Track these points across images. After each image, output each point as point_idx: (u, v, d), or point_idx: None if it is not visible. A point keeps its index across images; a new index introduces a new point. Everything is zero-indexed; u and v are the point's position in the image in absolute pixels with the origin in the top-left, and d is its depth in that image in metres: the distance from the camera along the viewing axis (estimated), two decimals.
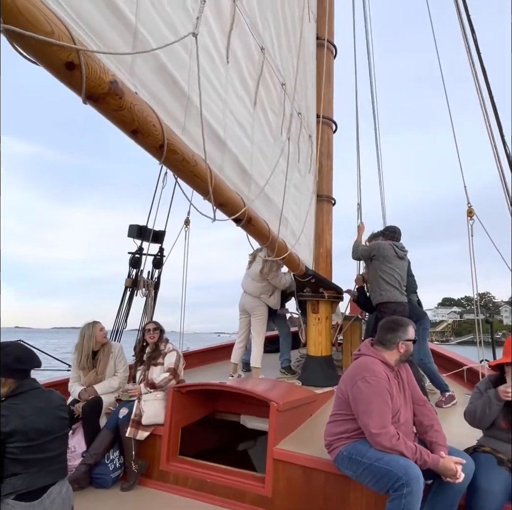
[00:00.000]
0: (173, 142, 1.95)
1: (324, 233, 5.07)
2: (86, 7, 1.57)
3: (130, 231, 5.10)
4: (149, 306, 5.09)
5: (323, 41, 5.44)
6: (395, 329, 2.66)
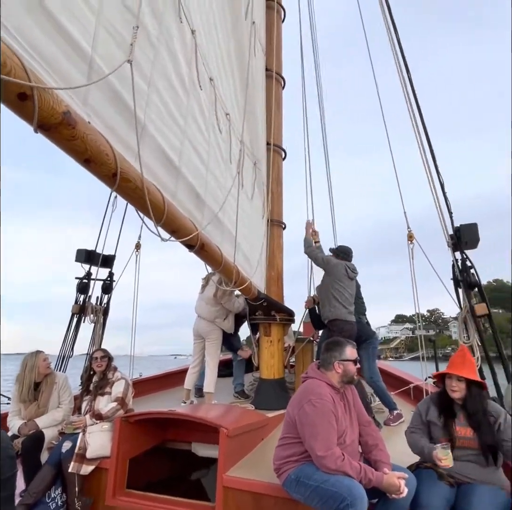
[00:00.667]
0: (126, 170, 1.96)
1: (275, 257, 5.20)
2: (41, 39, 1.57)
3: (77, 256, 4.97)
4: (97, 333, 4.95)
5: (272, 72, 5.70)
6: (330, 349, 2.73)
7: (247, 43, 4.65)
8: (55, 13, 1.62)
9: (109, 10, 1.97)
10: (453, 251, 4.02)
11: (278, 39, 6.02)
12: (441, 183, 4.04)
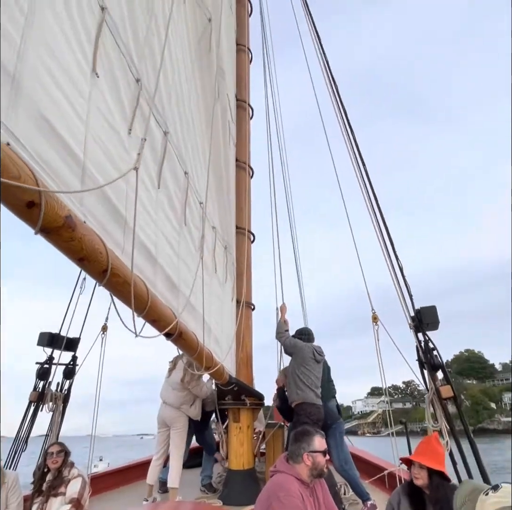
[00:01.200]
0: (116, 266, 2.03)
1: (245, 338, 5.20)
2: (45, 149, 1.70)
3: (40, 339, 4.79)
4: (56, 423, 4.64)
5: (242, 163, 6.19)
6: (299, 440, 2.65)
7: (222, 140, 5.08)
8: (52, 122, 1.77)
9: (96, 124, 2.17)
10: (416, 333, 4.15)
11: (247, 133, 6.58)
12: (400, 267, 4.29)
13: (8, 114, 1.48)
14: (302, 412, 4.24)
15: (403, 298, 4.27)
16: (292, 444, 2.70)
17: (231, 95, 6.05)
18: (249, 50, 7.30)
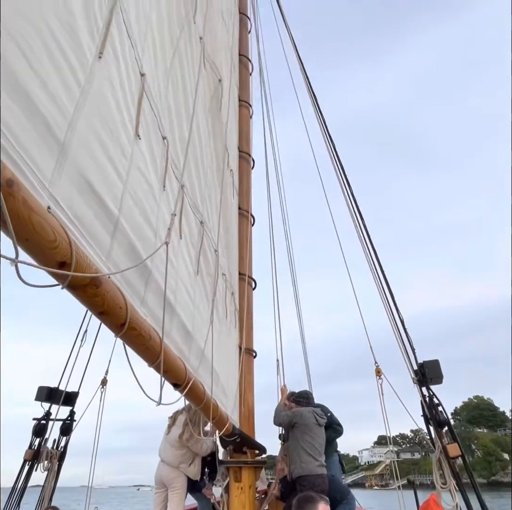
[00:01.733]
0: (134, 320, 2.05)
1: (246, 393, 5.09)
2: (82, 208, 1.78)
3: (38, 394, 4.69)
4: (49, 485, 4.46)
5: (244, 211, 6.39)
6: (302, 507, 2.59)
7: (229, 189, 5.28)
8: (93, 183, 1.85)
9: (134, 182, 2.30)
10: (420, 387, 4.09)
11: (248, 183, 6.82)
12: (402, 321, 4.29)
13: (52, 180, 1.55)
14: (306, 483, 4.06)
15: (405, 352, 4.23)
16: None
17: (234, 147, 6.33)
18: (250, 105, 7.72)
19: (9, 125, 1.35)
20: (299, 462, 4.18)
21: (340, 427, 5.05)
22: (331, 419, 5.00)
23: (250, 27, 8.94)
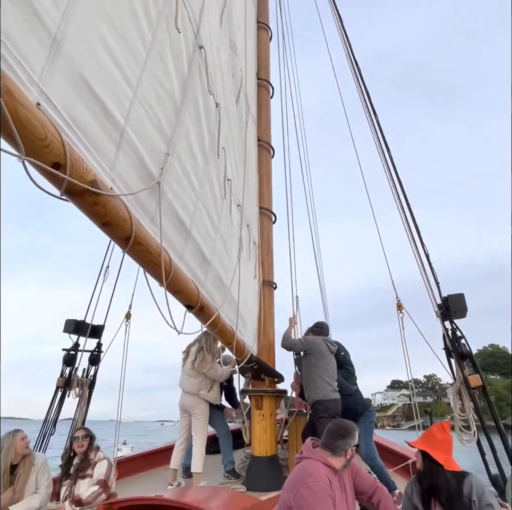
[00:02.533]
0: (139, 234, 2.04)
1: (266, 325, 5.19)
2: (80, 111, 1.70)
3: (66, 326, 4.90)
4: (81, 408, 4.75)
5: (263, 142, 6.17)
6: (345, 436, 2.67)
7: (245, 116, 5.05)
8: (92, 84, 1.75)
9: (145, 89, 2.15)
10: (443, 321, 4.06)
11: (267, 112, 6.52)
12: (427, 254, 4.20)
13: (43, 75, 1.48)
14: (320, 407, 4.23)
15: (429, 285, 4.18)
16: (336, 439, 2.67)
17: (251, 71, 5.95)
18: (269, 28, 7.17)
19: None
20: (314, 388, 4.33)
21: (351, 367, 5.14)
22: (344, 358, 5.09)
23: None
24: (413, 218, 4.37)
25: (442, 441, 2.69)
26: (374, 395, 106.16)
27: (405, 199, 4.42)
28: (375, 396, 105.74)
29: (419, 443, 2.70)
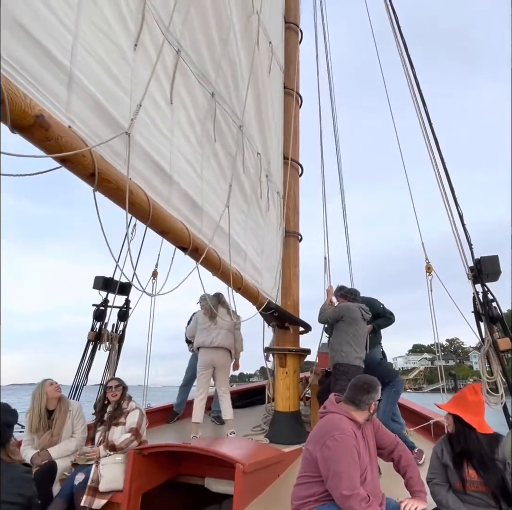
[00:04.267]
0: (104, 171, 2.10)
1: (291, 286, 5.20)
2: (21, 52, 1.80)
3: (95, 283, 5.05)
4: (112, 361, 4.97)
5: (290, 90, 5.89)
6: (369, 390, 2.70)
7: (264, 59, 4.85)
8: (27, 27, 1.83)
9: (85, 31, 2.20)
10: (474, 283, 3.98)
11: (295, 58, 6.15)
12: (460, 215, 4.06)
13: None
14: (342, 369, 4.23)
15: (461, 247, 4.07)
16: (360, 393, 2.69)
17: (278, 13, 5.70)
18: None
19: None
20: (340, 351, 4.32)
21: (392, 316, 5.15)
22: (383, 310, 5.12)
23: None
24: (448, 177, 4.20)
25: (475, 403, 2.68)
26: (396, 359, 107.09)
27: (441, 157, 4.24)
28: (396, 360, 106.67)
29: (451, 407, 2.68)
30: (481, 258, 3.95)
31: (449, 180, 4.19)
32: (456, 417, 2.63)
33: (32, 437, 3.61)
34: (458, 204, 4.07)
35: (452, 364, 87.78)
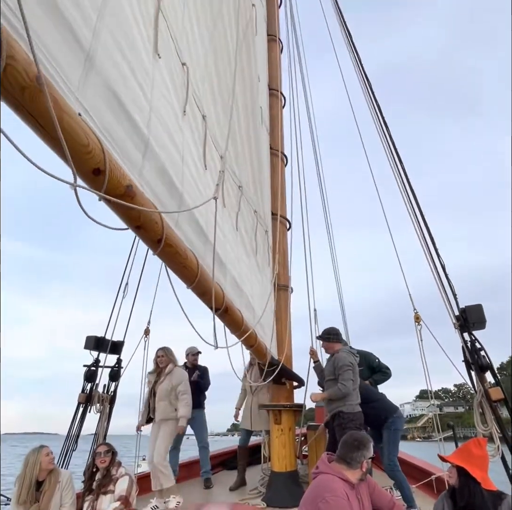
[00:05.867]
0: (170, 237, 2.19)
1: (283, 340, 5.24)
2: (111, 121, 1.83)
3: (87, 343, 5.06)
4: (102, 424, 4.88)
5: (276, 151, 6.27)
6: (360, 447, 2.70)
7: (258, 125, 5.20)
8: (120, 97, 1.87)
9: (159, 101, 2.32)
10: (461, 332, 4.04)
11: (280, 121, 6.63)
12: (443, 266, 4.19)
13: (80, 87, 1.58)
14: (346, 417, 4.15)
15: (446, 297, 4.17)
16: (351, 451, 2.69)
17: (263, 81, 6.08)
18: (279, 40, 7.32)
19: (32, 25, 1.29)
20: (343, 400, 4.18)
21: (388, 370, 5.19)
22: (379, 365, 5.16)
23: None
24: (426, 226, 4.37)
25: (480, 457, 2.63)
26: (403, 406, 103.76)
27: (419, 211, 4.43)
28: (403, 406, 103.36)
29: (455, 458, 2.64)
30: (466, 307, 4.03)
31: (428, 231, 4.36)
32: (460, 470, 2.57)
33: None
34: (439, 255, 4.21)
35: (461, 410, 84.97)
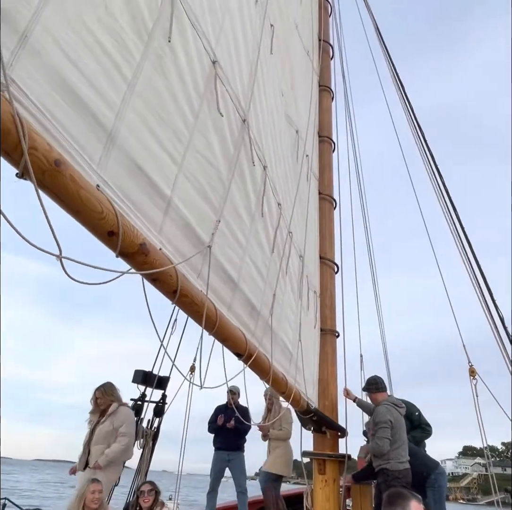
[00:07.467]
0: (185, 287, 2.32)
1: (329, 386, 5.11)
2: (131, 187, 2.06)
3: (135, 377, 5.16)
4: (145, 460, 4.87)
5: (325, 195, 6.41)
6: (392, 503, 2.59)
7: (304, 176, 5.36)
8: (142, 166, 2.11)
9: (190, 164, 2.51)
10: None
11: (330, 167, 6.78)
12: (501, 318, 4.02)
13: (100, 163, 1.85)
14: (391, 474, 4.00)
15: (503, 346, 3.99)
16: (385, 506, 2.61)
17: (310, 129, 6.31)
18: (331, 90, 7.64)
19: (56, 115, 1.61)
20: (386, 457, 4.08)
21: (429, 427, 4.92)
22: (419, 419, 4.87)
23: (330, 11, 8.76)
24: (482, 275, 4.24)
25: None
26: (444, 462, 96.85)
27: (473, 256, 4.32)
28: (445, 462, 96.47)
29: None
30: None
31: (485, 280, 4.23)
32: None
33: None
34: (498, 308, 4.05)
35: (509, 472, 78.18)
